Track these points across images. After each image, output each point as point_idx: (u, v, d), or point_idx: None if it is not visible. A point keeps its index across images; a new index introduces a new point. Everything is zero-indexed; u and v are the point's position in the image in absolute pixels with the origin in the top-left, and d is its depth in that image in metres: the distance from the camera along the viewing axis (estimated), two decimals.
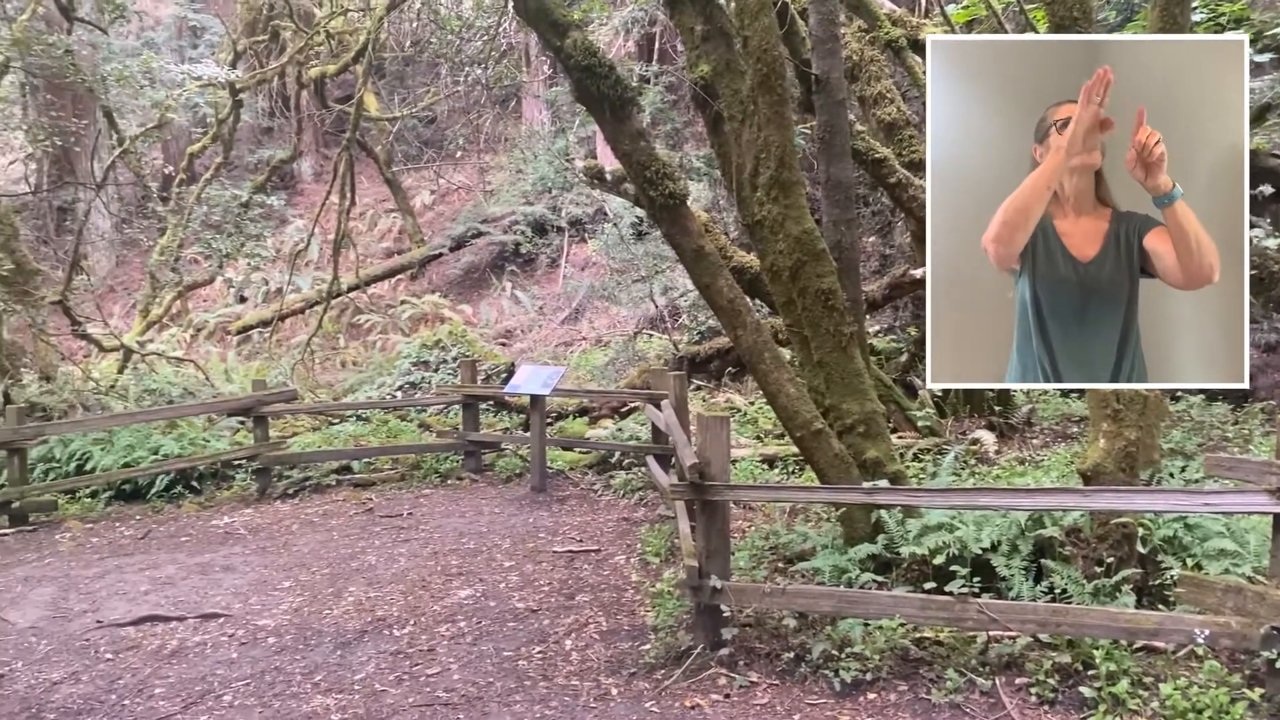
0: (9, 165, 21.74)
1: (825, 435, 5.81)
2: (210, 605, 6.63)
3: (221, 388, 13.89)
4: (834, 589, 5.22)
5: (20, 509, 9.12)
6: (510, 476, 9.81)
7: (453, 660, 5.50)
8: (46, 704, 5.27)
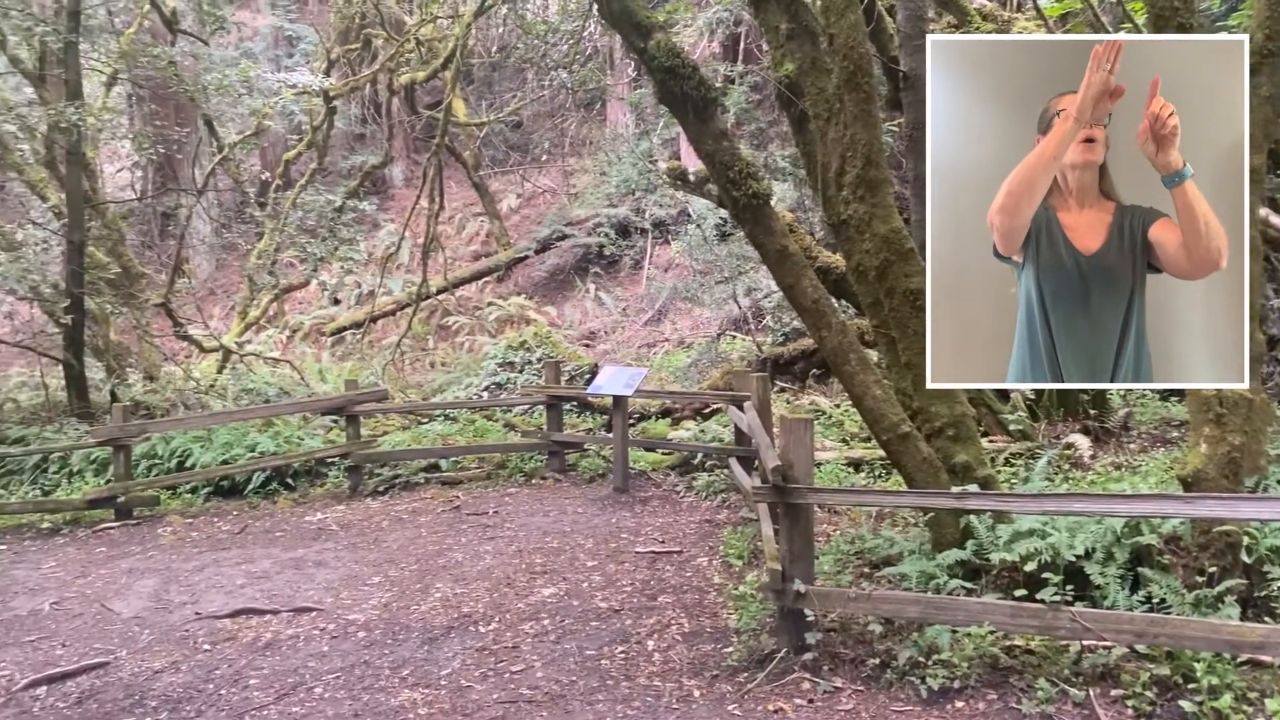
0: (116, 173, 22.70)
1: (913, 438, 5.71)
2: (303, 599, 6.81)
3: (316, 387, 14.27)
4: (921, 595, 5.13)
5: (125, 503, 9.50)
6: (593, 477, 9.87)
7: (536, 658, 5.55)
8: (149, 691, 5.47)
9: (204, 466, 10.16)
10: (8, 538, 9.19)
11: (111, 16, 15.39)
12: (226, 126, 17.70)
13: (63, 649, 6.24)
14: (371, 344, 18.21)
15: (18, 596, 7.33)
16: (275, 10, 23.32)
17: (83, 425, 11.53)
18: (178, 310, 15.07)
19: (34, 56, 14.14)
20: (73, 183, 12.54)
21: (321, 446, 10.59)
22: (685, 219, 17.58)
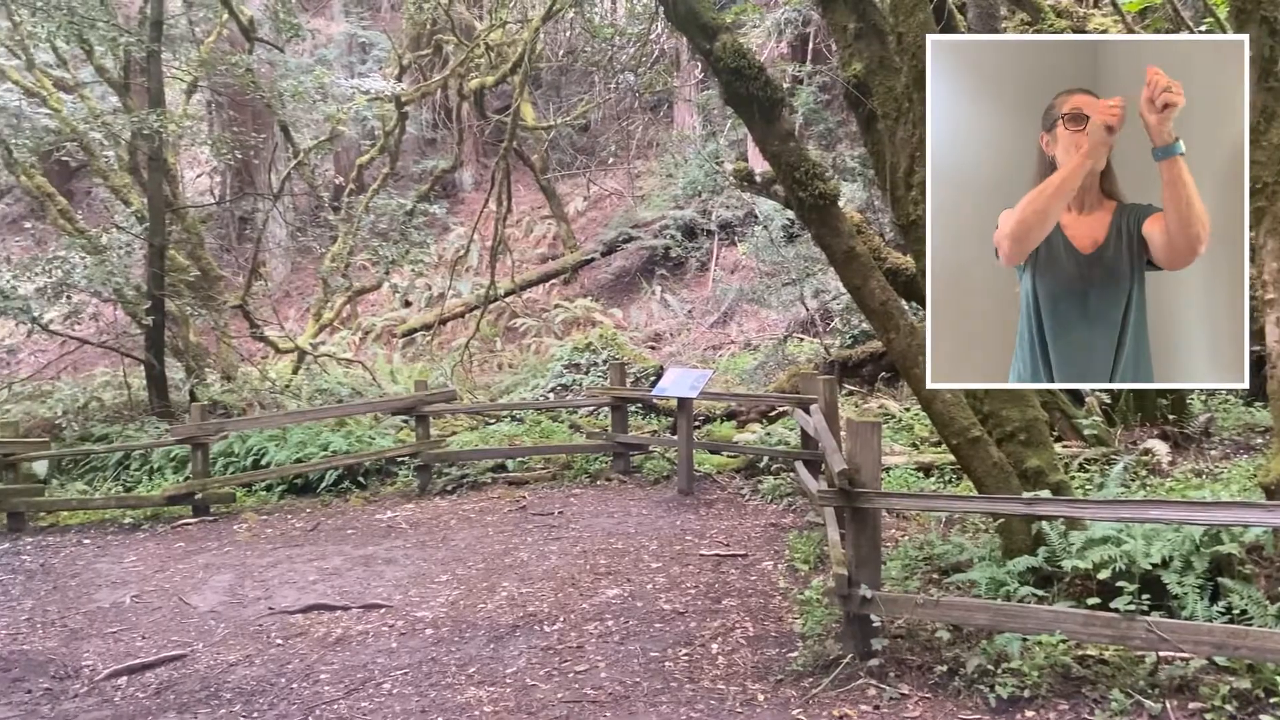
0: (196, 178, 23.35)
1: (983, 443, 5.61)
2: (372, 596, 6.92)
3: (387, 388, 14.49)
4: (991, 602, 5.03)
5: (203, 500, 9.75)
6: (658, 479, 9.87)
7: (600, 658, 5.57)
8: (224, 684, 5.61)
9: (278, 464, 10.39)
10: (91, 532, 9.50)
11: (192, 26, 15.84)
12: (301, 132, 18.09)
13: (142, 641, 6.43)
14: (441, 345, 18.46)
15: (101, 589, 7.57)
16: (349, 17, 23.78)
17: (163, 424, 11.87)
18: (254, 312, 15.43)
19: (119, 66, 14.62)
20: (155, 188, 12.92)
21: (392, 446, 10.76)
22: (752, 220, 17.50)
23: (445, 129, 23.62)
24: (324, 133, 17.83)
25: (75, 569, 8.18)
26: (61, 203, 16.04)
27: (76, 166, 23.79)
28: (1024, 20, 9.41)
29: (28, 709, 5.48)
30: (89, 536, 9.33)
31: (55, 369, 17.53)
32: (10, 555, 8.72)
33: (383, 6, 25.06)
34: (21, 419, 11.36)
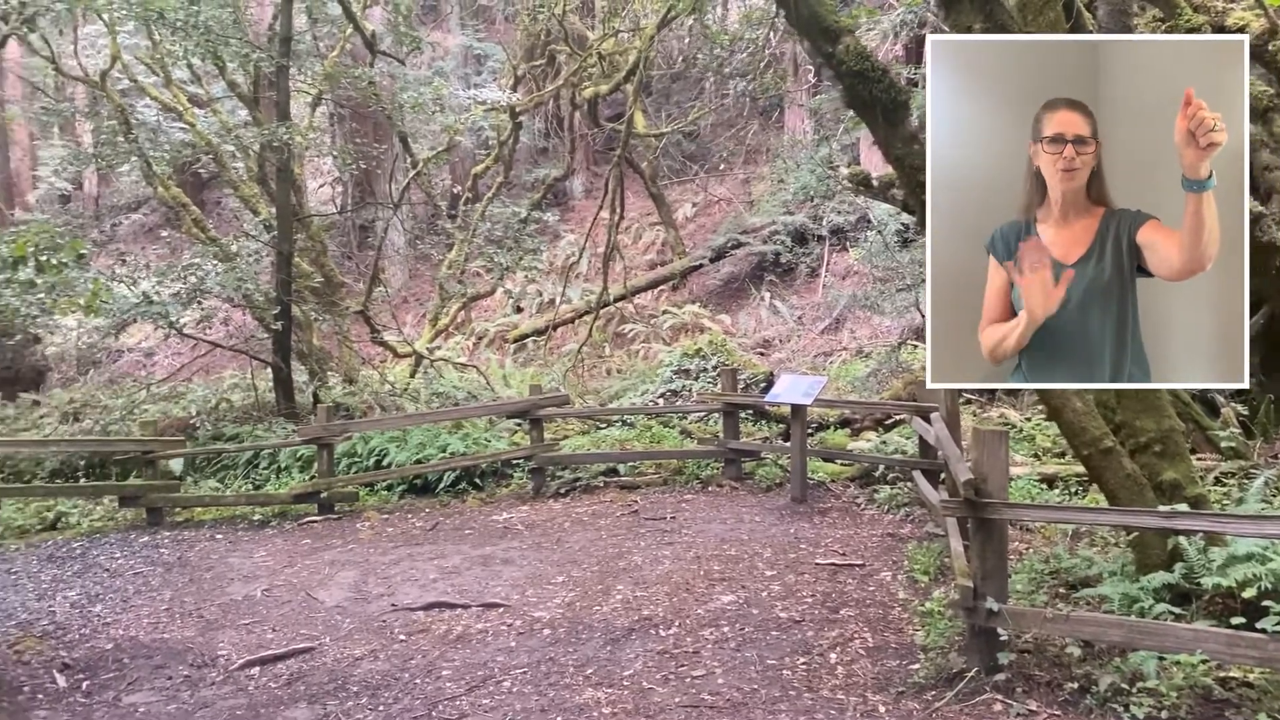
0: (319, 188, 24.19)
1: (1116, 454, 5.41)
2: (491, 595, 7.05)
3: (499, 392, 14.76)
4: (1125, 618, 4.85)
5: (328, 498, 10.08)
6: (770, 486, 9.80)
7: (717, 664, 5.56)
8: (350, 677, 5.79)
9: (399, 465, 10.67)
10: (223, 527, 9.91)
11: (316, 41, 16.43)
12: (419, 143, 18.59)
13: (273, 633, 6.68)
14: (551, 350, 18.70)
15: (233, 583, 7.89)
16: (465, 30, 24.33)
17: (289, 424, 12.32)
18: (375, 317, 15.90)
19: (249, 81, 15.27)
20: (282, 198, 13.44)
21: (507, 448, 10.94)
22: (865, 225, 17.26)
23: (557, 138, 23.95)
24: (441, 143, 18.30)
25: (209, 562, 8.55)
26: (195, 212, 16.83)
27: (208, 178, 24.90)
28: (1156, 17, 9.04)
29: (169, 694, 5.75)
30: (221, 532, 9.73)
31: (188, 371, 18.40)
32: (150, 548, 9.17)
33: (497, 19, 25.57)
34: (158, 419, 11.92)
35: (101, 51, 19.45)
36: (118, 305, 11.41)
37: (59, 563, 8.87)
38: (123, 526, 10.17)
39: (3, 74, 21.97)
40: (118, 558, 8.88)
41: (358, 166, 15.99)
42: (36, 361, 18.92)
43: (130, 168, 16.96)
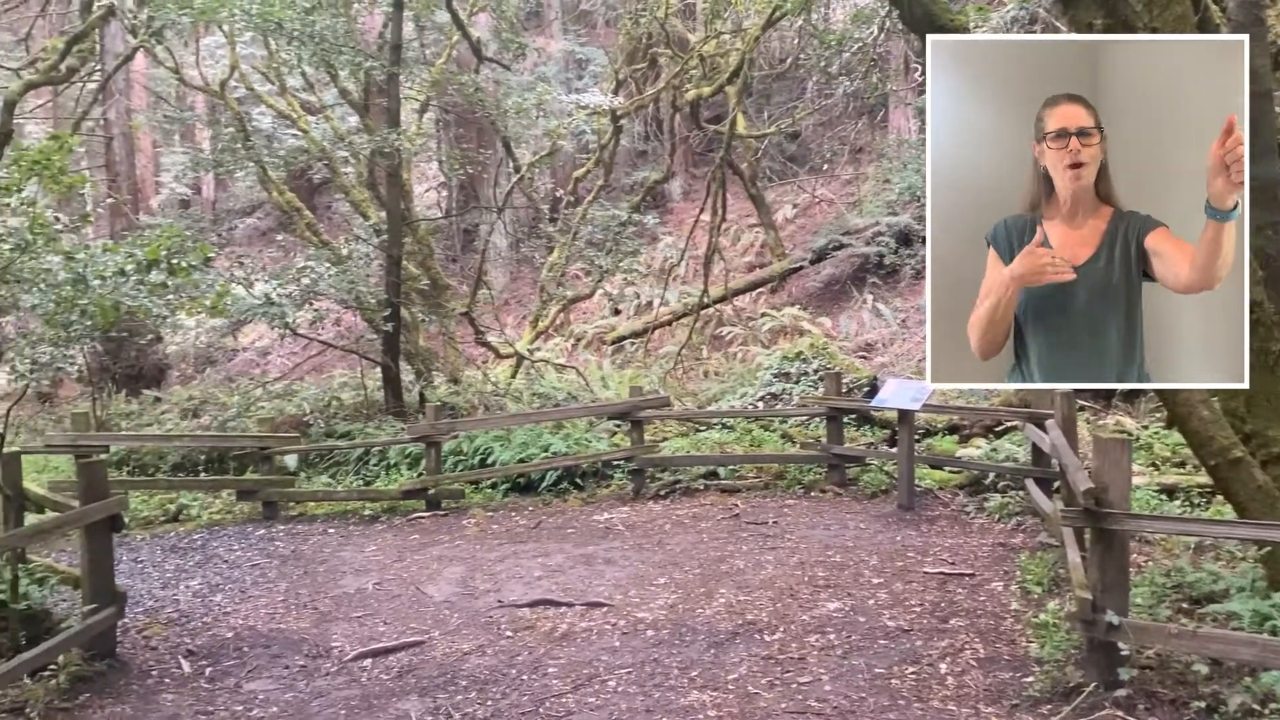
0: (425, 192, 24.73)
1: (1246, 465, 5.17)
2: (594, 595, 7.11)
3: (598, 393, 14.86)
4: (1258, 636, 4.63)
5: (435, 495, 10.30)
6: (875, 492, 9.65)
7: (823, 671, 5.50)
8: (459, 671, 5.89)
9: (503, 464, 10.83)
10: (335, 522, 10.21)
11: (423, 49, 16.83)
12: (522, 147, 18.86)
13: (384, 626, 6.84)
14: (649, 352, 18.75)
15: (346, 576, 8.12)
16: (567, 35, 24.59)
17: (397, 422, 12.63)
18: (478, 319, 16.18)
19: (359, 88, 15.70)
20: (392, 202, 13.78)
21: (608, 449, 11.01)
22: None
23: (656, 140, 24.03)
24: (543, 147, 18.54)
25: (322, 556, 8.81)
26: (308, 216, 17.40)
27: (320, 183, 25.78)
28: None
29: (286, 683, 5.94)
30: (333, 526, 10.02)
31: (300, 371, 19.00)
32: (265, 541, 9.49)
33: (598, 24, 25.79)
34: (274, 416, 12.35)
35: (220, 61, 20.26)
36: (236, 306, 11.85)
37: (181, 553, 9.25)
38: (240, 519, 10.56)
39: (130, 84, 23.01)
40: (236, 549, 9.22)
41: (465, 171, 16.29)
42: (158, 360, 19.78)
43: (246, 173, 17.60)
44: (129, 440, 12.41)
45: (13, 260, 5.93)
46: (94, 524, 6.16)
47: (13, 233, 5.98)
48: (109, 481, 6.50)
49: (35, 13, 22.26)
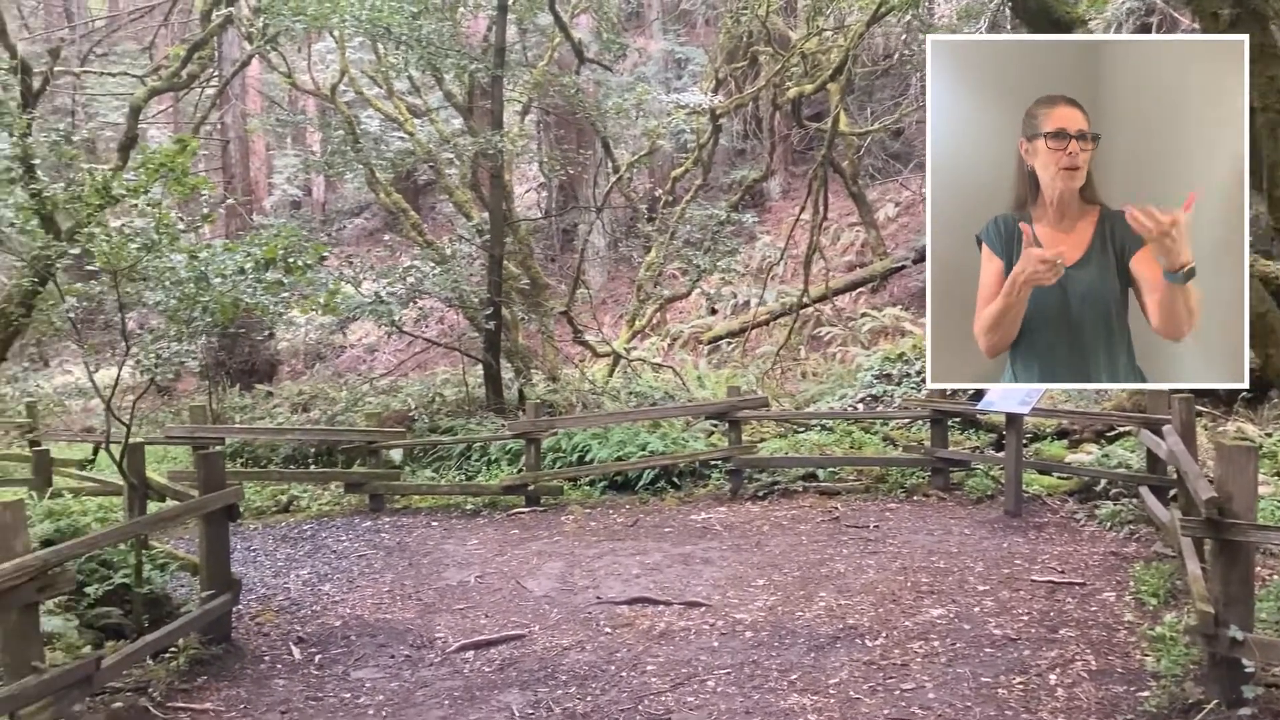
0: (524, 193, 25.08)
1: None
2: (691, 594, 7.10)
3: (694, 393, 14.85)
4: None
5: (534, 491, 10.43)
6: (981, 497, 9.42)
7: (927, 678, 5.40)
8: (559, 666, 5.96)
9: (601, 462, 10.90)
10: (439, 515, 10.42)
11: (525, 51, 17.05)
12: (620, 147, 18.97)
13: (485, 619, 6.96)
14: (745, 352, 18.66)
15: (449, 569, 8.28)
16: (667, 35, 24.64)
17: (498, 419, 12.83)
18: (576, 318, 16.33)
19: (463, 91, 16.00)
20: (495, 203, 14.01)
21: (705, 449, 10.99)
22: None
23: (755, 139, 23.89)
24: (641, 147, 18.61)
25: (426, 548, 9.01)
26: (414, 217, 17.81)
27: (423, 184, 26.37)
28: None
29: (392, 672, 6.09)
30: (436, 519, 10.24)
31: (405, 367, 19.47)
32: (372, 533, 9.74)
33: (698, 23, 25.77)
34: (380, 411, 12.67)
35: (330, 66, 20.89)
36: (347, 304, 12.19)
37: (291, 543, 9.56)
38: (347, 511, 10.87)
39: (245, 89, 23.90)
40: (343, 540, 9.49)
41: (566, 172, 16.46)
42: (270, 355, 20.51)
43: (355, 175, 18.09)
44: (243, 433, 12.89)
45: (139, 259, 6.21)
46: (212, 513, 6.42)
47: (139, 233, 6.26)
48: (226, 472, 6.76)
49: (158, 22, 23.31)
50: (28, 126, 6.94)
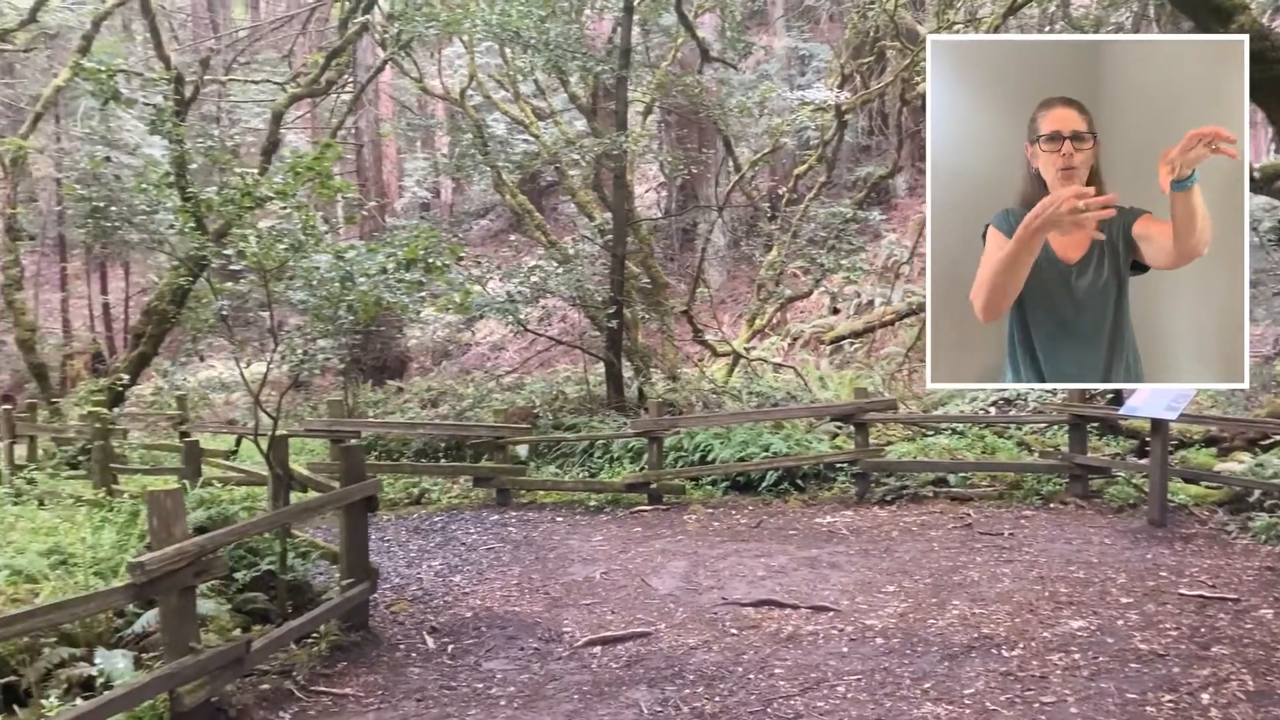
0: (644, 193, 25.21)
1: None
2: (819, 598, 7.01)
3: (816, 394, 14.68)
4: None
5: (657, 490, 10.47)
6: (1122, 506, 9.04)
7: (1068, 692, 5.20)
8: (686, 665, 5.96)
9: (723, 461, 10.87)
10: (563, 511, 10.56)
11: (648, 52, 17.14)
12: (741, 146, 18.88)
13: (611, 615, 7.01)
14: (869, 353, 18.35)
15: (574, 564, 8.38)
16: (790, 31, 24.42)
17: (619, 417, 12.93)
18: (696, 317, 16.34)
19: (587, 93, 16.19)
20: (617, 203, 14.12)
21: (830, 451, 10.85)
22: None
23: (881, 135, 23.47)
24: (763, 145, 18.49)
25: (551, 543, 9.14)
26: (538, 218, 18.10)
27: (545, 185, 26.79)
28: None
29: (521, 664, 6.19)
30: (560, 515, 10.38)
31: (528, 365, 19.81)
32: (499, 526, 9.94)
33: (822, 19, 25.45)
34: (506, 408, 12.92)
35: (459, 71, 21.43)
36: (478, 302, 12.48)
37: (423, 534, 9.83)
38: (475, 504, 11.11)
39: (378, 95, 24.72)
40: (472, 533, 9.71)
41: (689, 171, 16.48)
42: (400, 352, 21.15)
43: (482, 177, 18.50)
44: (377, 427, 13.32)
45: (286, 259, 6.48)
46: (353, 504, 6.64)
47: (286, 234, 6.53)
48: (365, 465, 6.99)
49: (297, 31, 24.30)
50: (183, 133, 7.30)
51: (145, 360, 14.42)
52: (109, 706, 4.45)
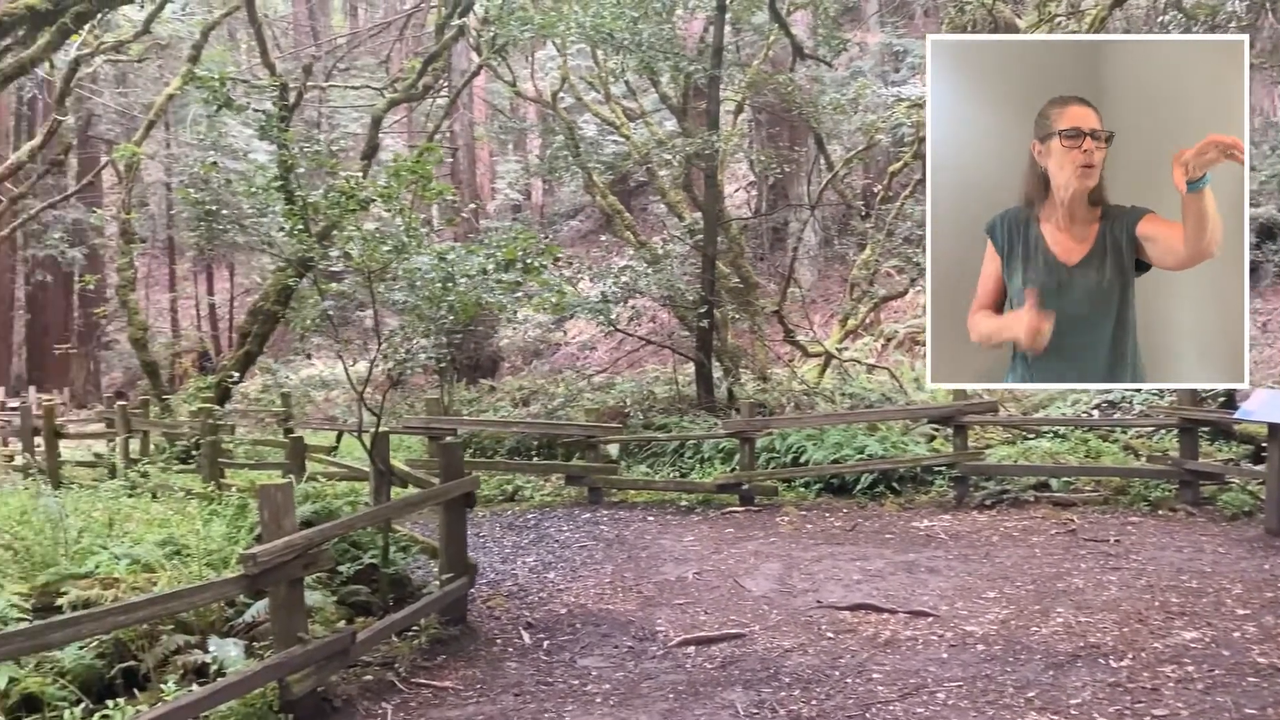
0: (734, 192, 25.11)
1: None
2: (917, 603, 6.90)
3: (911, 395, 14.42)
4: None
5: (748, 491, 10.42)
6: (1236, 514, 8.68)
7: (1181, 705, 5.02)
8: (781, 668, 5.92)
9: (816, 463, 10.77)
10: (654, 510, 10.59)
11: (739, 50, 17.06)
12: (833, 143, 18.65)
13: (705, 615, 7.00)
14: None
15: (666, 564, 8.39)
16: (884, 28, 24.07)
17: (710, 417, 12.90)
18: (786, 317, 16.21)
19: (679, 93, 16.20)
20: (708, 202, 14.10)
21: (927, 454, 10.67)
22: None
23: None
24: (856, 143, 18.24)
25: (644, 542, 9.17)
26: (628, 218, 18.18)
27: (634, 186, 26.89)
28: None
29: (616, 662, 6.23)
30: (652, 514, 10.41)
31: (617, 365, 19.92)
32: (591, 524, 10.02)
33: (916, 14, 25.03)
34: (598, 407, 13.01)
35: (550, 74, 21.64)
36: (571, 302, 12.60)
37: (517, 531, 9.96)
38: (567, 502, 11.22)
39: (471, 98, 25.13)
40: (565, 530, 9.80)
41: (781, 170, 16.36)
42: (493, 352, 21.47)
43: (573, 178, 18.65)
44: (472, 425, 13.55)
45: (389, 260, 6.63)
46: (452, 500, 6.77)
47: (389, 236, 6.69)
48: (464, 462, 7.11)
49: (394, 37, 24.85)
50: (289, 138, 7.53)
51: (251, 358, 14.90)
52: (223, 693, 4.62)
